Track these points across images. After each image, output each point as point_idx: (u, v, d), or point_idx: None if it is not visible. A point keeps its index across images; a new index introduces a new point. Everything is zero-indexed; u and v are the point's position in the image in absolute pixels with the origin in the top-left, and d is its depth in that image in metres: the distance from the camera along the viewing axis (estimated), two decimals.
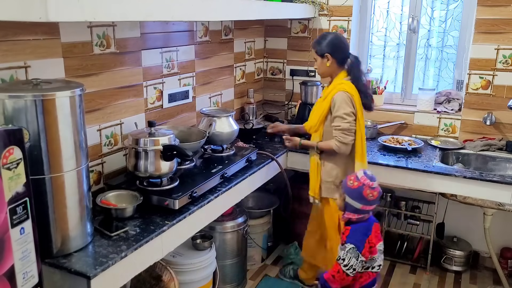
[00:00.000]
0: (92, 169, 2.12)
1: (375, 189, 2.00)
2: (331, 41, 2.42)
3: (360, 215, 2.04)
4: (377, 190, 2.02)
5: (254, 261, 3.17)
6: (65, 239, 1.58)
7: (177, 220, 1.88)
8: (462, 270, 3.16)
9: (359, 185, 1.99)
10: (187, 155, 2.10)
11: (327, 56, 2.42)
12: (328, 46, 2.42)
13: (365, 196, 1.99)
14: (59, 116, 1.47)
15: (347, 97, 2.36)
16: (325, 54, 2.42)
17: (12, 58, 1.69)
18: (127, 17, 1.62)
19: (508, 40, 2.87)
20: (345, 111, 2.35)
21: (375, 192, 2.00)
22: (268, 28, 3.53)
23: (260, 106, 3.60)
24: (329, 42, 2.42)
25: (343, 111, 2.35)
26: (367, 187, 1.99)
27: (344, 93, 2.36)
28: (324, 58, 2.43)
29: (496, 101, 2.98)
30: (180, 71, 2.65)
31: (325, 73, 2.49)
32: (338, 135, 2.37)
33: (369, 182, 2.00)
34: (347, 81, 2.42)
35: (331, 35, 2.46)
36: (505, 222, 3.11)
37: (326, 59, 2.43)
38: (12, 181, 1.26)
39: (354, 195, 2.01)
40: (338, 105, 2.36)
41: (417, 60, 3.38)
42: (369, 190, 1.99)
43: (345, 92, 2.36)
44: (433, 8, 3.30)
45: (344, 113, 2.35)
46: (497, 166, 2.93)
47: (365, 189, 1.98)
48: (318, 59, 2.47)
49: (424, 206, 3.25)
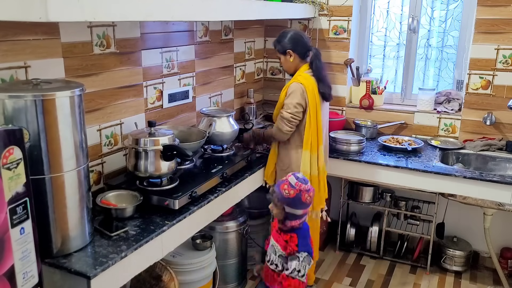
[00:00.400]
0: (92, 169, 2.12)
1: (310, 190, 1.93)
2: (290, 37, 2.50)
3: (302, 219, 1.96)
4: (312, 190, 1.94)
5: (254, 261, 3.17)
6: (65, 239, 1.58)
7: (177, 220, 1.88)
8: (462, 270, 3.16)
9: (296, 193, 1.89)
10: (187, 155, 2.10)
11: (289, 52, 2.50)
12: (288, 43, 2.50)
13: (304, 201, 1.91)
14: (59, 116, 1.47)
15: (299, 88, 2.42)
16: (286, 51, 2.50)
17: (12, 58, 1.69)
18: (127, 17, 1.62)
19: (508, 40, 2.87)
20: (292, 101, 2.42)
21: (311, 193, 1.93)
22: (268, 28, 3.53)
23: (260, 106, 3.60)
24: (289, 38, 2.50)
25: (290, 100, 2.43)
26: (304, 192, 1.90)
27: (298, 84, 2.43)
28: (286, 55, 2.51)
29: (496, 101, 2.98)
30: (180, 71, 2.65)
31: (290, 68, 2.56)
32: (278, 122, 2.46)
33: (304, 187, 1.91)
34: (306, 74, 2.48)
35: (290, 31, 2.55)
36: (505, 222, 3.11)
37: (288, 55, 2.51)
38: (12, 181, 1.26)
39: (293, 203, 1.90)
40: (288, 95, 2.45)
41: (417, 60, 3.38)
42: (306, 194, 1.90)
43: (298, 84, 2.43)
44: (433, 8, 3.30)
45: (290, 102, 2.42)
46: (497, 166, 2.93)
47: (303, 195, 1.90)
48: (281, 57, 2.55)
49: (424, 206, 3.25)
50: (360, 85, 3.38)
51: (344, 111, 3.43)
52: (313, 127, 2.47)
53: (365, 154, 2.91)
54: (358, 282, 3.05)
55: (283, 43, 2.51)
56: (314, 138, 2.49)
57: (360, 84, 3.38)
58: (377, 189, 3.27)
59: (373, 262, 3.30)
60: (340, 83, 3.38)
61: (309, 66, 2.52)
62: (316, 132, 2.49)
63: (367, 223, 3.38)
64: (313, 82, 2.45)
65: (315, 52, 2.52)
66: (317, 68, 2.50)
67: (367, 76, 3.48)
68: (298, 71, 2.52)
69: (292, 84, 2.45)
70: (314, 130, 2.48)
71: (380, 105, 3.37)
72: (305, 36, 2.58)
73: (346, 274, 3.14)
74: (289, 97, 2.43)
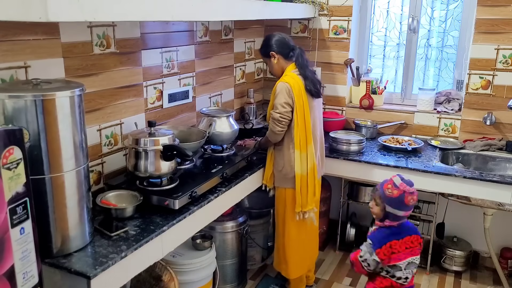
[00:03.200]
0: (92, 169, 2.12)
1: (414, 193, 1.96)
2: (271, 40, 2.53)
3: (401, 221, 2.01)
4: (416, 193, 1.97)
5: (254, 261, 3.17)
6: (65, 239, 1.58)
7: (177, 220, 1.88)
8: (462, 270, 3.16)
9: (399, 193, 1.94)
10: (187, 155, 2.10)
11: (273, 54, 2.51)
12: (270, 46, 2.52)
13: (406, 203, 1.94)
14: (59, 116, 1.47)
15: (285, 88, 2.42)
16: (270, 53, 2.51)
17: (12, 58, 1.69)
18: (127, 17, 1.62)
19: (508, 40, 2.87)
20: (279, 101, 2.42)
21: (415, 196, 1.96)
22: (268, 28, 3.53)
23: (260, 106, 3.60)
24: (270, 41, 2.53)
25: (278, 101, 2.43)
26: (408, 194, 1.94)
27: (284, 83, 2.43)
28: (271, 58, 2.52)
29: (496, 101, 2.98)
30: (180, 71, 2.65)
31: (278, 71, 2.56)
32: (269, 124, 2.47)
33: (409, 188, 1.94)
34: (292, 73, 2.49)
35: (272, 35, 2.57)
36: (505, 222, 3.11)
37: (272, 58, 2.52)
38: (12, 181, 1.26)
39: (395, 204, 1.95)
40: (275, 95, 2.45)
41: (417, 60, 3.38)
42: (410, 196, 1.94)
43: (284, 83, 2.43)
44: (433, 8, 3.30)
45: (278, 103, 2.42)
46: (497, 166, 2.93)
47: (406, 196, 1.93)
48: (267, 61, 2.57)
49: (424, 206, 3.24)
50: (360, 85, 3.38)
51: (344, 111, 3.43)
52: (301, 126, 2.45)
53: (365, 154, 2.91)
54: (358, 282, 3.05)
55: (265, 47, 2.54)
56: (303, 137, 2.47)
57: (360, 84, 3.38)
58: None
59: None
60: (340, 83, 3.38)
61: (295, 65, 2.52)
62: (305, 130, 2.46)
63: (367, 223, 3.38)
64: (299, 80, 2.45)
65: (299, 51, 2.53)
66: (301, 66, 2.50)
67: (367, 76, 3.48)
68: (285, 71, 2.51)
69: (278, 84, 2.45)
70: (302, 129, 2.46)
71: (380, 105, 3.37)
72: (287, 36, 2.58)
73: (346, 274, 3.14)
74: (277, 98, 2.43)
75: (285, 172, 2.52)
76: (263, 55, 2.59)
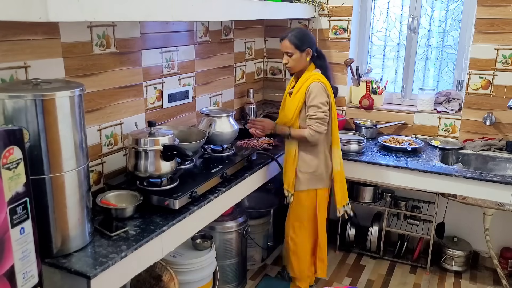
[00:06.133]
0: (92, 169, 2.12)
1: None
2: (308, 35, 2.48)
3: None
4: None
5: (254, 261, 3.17)
6: (65, 239, 1.58)
7: (177, 220, 1.88)
8: (462, 270, 3.16)
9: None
10: (187, 155, 2.10)
11: (308, 51, 2.44)
12: (309, 42, 2.45)
13: None
14: (59, 116, 1.47)
15: (322, 87, 2.40)
16: (306, 49, 2.43)
17: (12, 58, 1.69)
18: (127, 17, 1.62)
19: (508, 40, 2.87)
20: (320, 101, 2.38)
21: None
22: (268, 28, 3.53)
23: (260, 106, 3.60)
24: (308, 37, 2.46)
25: (319, 100, 2.38)
26: None
27: (319, 83, 2.40)
28: (303, 53, 2.43)
29: (496, 101, 2.98)
30: (180, 71, 2.65)
31: (297, 67, 2.47)
32: (313, 124, 2.38)
33: None
34: (318, 73, 2.46)
35: (307, 31, 2.54)
36: (505, 222, 3.11)
37: (305, 54, 2.44)
38: (12, 181, 1.26)
39: None
40: (314, 95, 2.38)
41: (417, 60, 3.38)
42: None
43: (319, 82, 2.40)
44: (433, 8, 3.30)
45: (320, 102, 2.38)
46: (497, 166, 2.93)
47: None
48: (296, 53, 2.42)
49: (424, 206, 3.25)
50: (360, 85, 3.38)
51: (344, 111, 3.43)
52: (335, 123, 2.52)
53: (365, 154, 2.91)
54: (358, 282, 3.05)
55: (304, 40, 2.42)
56: (337, 133, 2.55)
57: (360, 84, 3.38)
58: (377, 189, 3.27)
59: (373, 262, 3.30)
60: (340, 83, 3.38)
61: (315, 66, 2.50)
62: (337, 127, 2.55)
63: (367, 223, 3.38)
64: (326, 81, 2.46)
65: (320, 51, 2.53)
66: (324, 67, 2.51)
67: (367, 76, 3.48)
68: (307, 70, 2.47)
69: (313, 83, 2.39)
70: (336, 126, 2.52)
71: (380, 105, 3.37)
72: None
73: (346, 274, 3.14)
74: (317, 97, 2.37)
75: (320, 172, 2.49)
76: (296, 47, 2.41)
